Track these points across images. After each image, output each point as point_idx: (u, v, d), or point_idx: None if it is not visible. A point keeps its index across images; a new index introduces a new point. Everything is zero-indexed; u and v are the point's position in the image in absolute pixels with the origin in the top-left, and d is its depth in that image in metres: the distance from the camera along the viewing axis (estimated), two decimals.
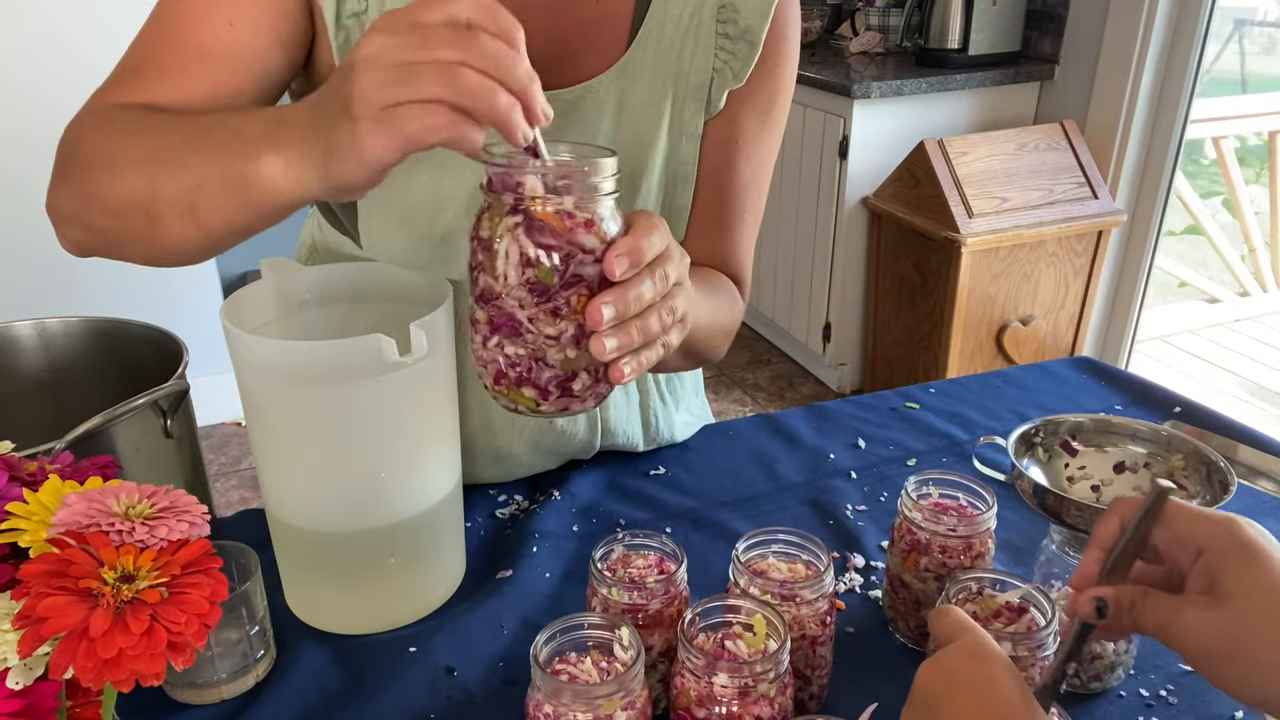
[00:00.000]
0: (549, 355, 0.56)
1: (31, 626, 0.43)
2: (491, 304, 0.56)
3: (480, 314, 0.57)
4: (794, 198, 2.98)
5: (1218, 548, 0.51)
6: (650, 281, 0.56)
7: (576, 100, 0.79)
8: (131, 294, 2.53)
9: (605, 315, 0.54)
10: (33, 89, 2.35)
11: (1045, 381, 1.22)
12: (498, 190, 0.54)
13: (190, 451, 0.88)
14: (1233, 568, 0.50)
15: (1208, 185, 4.18)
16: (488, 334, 0.57)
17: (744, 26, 0.80)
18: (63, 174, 0.69)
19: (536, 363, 0.56)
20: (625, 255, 0.54)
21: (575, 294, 0.55)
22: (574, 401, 0.58)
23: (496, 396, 0.59)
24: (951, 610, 0.56)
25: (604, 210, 0.56)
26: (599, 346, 0.55)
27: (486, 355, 0.58)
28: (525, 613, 0.80)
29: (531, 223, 0.53)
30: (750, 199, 0.88)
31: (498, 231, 0.54)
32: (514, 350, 0.56)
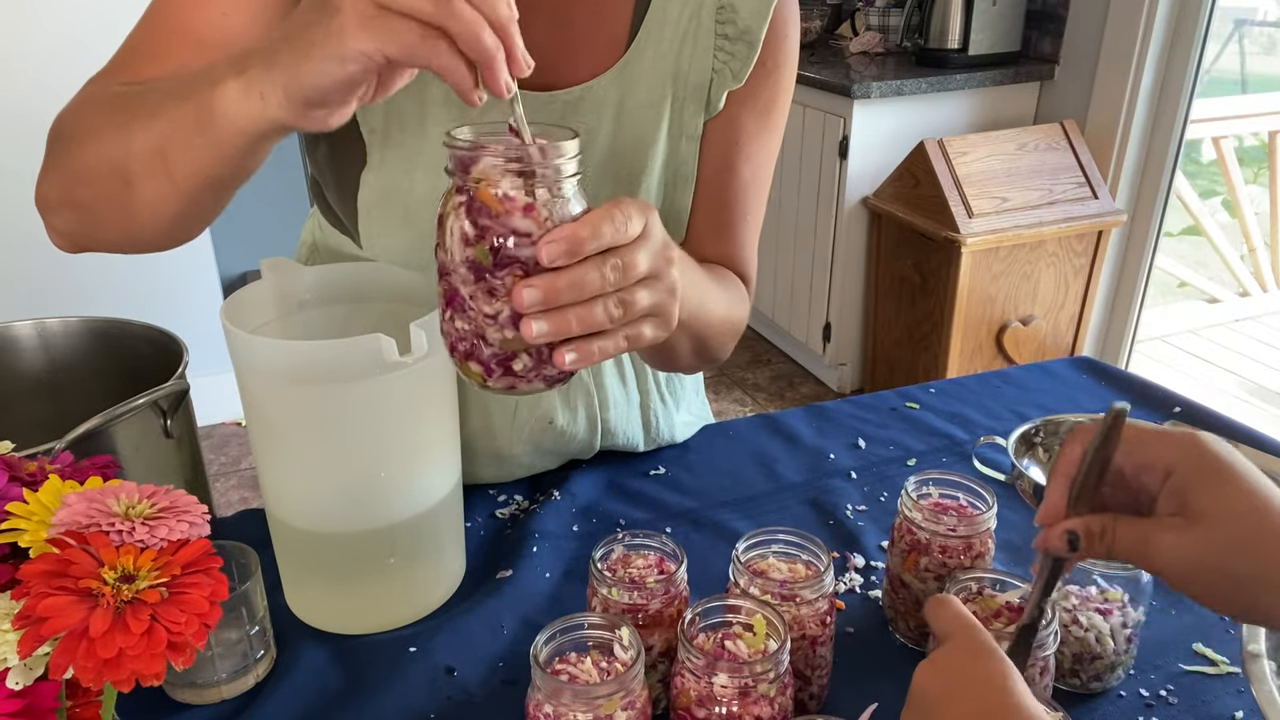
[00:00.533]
0: (488, 334, 0.56)
1: (31, 626, 0.43)
2: (444, 279, 0.57)
3: (438, 287, 0.58)
4: (794, 198, 2.98)
5: (1186, 467, 0.50)
6: (597, 271, 0.54)
7: (576, 101, 0.79)
8: (131, 294, 2.53)
9: (527, 298, 0.53)
10: (34, 89, 2.35)
11: (1045, 381, 1.22)
12: (453, 170, 0.55)
13: (190, 451, 0.88)
14: (1203, 487, 0.50)
15: (1207, 185, 4.18)
16: (443, 307, 0.58)
17: (743, 27, 0.80)
18: (48, 160, 0.69)
19: (479, 340, 0.57)
20: (560, 241, 0.53)
21: (510, 275, 0.54)
22: (519, 381, 0.58)
23: (458, 370, 0.60)
24: (949, 602, 0.55)
25: (566, 191, 0.55)
26: (526, 329, 0.54)
27: (444, 327, 0.59)
28: (525, 613, 0.80)
29: (472, 203, 0.54)
30: (752, 200, 0.88)
31: (447, 209, 0.56)
32: (460, 325, 0.57)
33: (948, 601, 0.55)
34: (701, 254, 0.88)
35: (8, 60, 2.32)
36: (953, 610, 0.54)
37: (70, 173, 0.66)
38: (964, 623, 0.53)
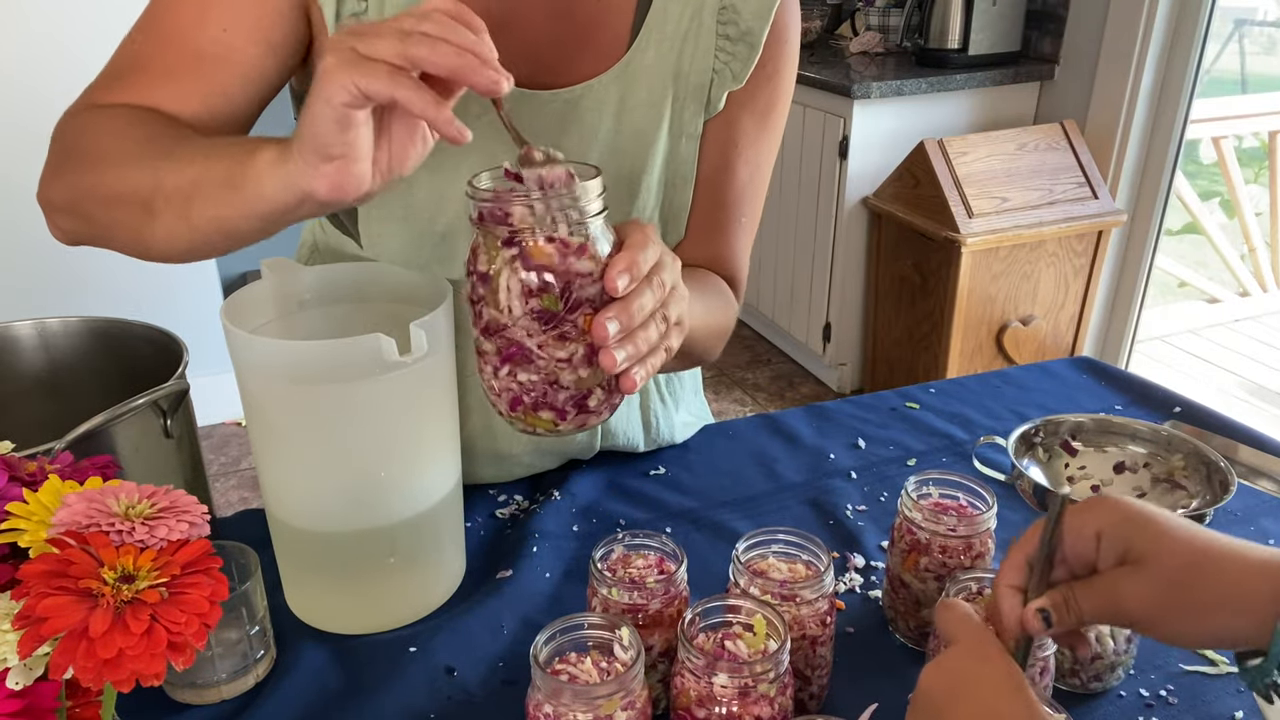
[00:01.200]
0: (562, 378, 0.57)
1: (31, 626, 0.43)
2: (499, 335, 0.56)
3: (488, 345, 0.57)
4: (794, 198, 2.98)
5: (1113, 525, 0.54)
6: (650, 291, 0.58)
7: (577, 99, 0.79)
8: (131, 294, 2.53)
9: (611, 331, 0.56)
10: (32, 90, 2.35)
11: (1045, 381, 1.22)
12: (489, 223, 0.55)
13: (190, 451, 0.88)
14: (1135, 535, 0.53)
15: (1207, 185, 4.18)
16: (498, 364, 0.57)
17: (744, 28, 0.80)
18: (60, 165, 0.70)
19: (551, 386, 0.57)
20: (625, 271, 0.56)
21: (580, 315, 0.56)
22: (590, 416, 0.60)
23: (513, 422, 0.60)
24: (957, 606, 0.56)
25: (595, 230, 0.56)
26: (609, 360, 0.56)
27: (499, 385, 0.58)
28: (525, 613, 0.80)
29: (526, 254, 0.54)
30: (748, 202, 0.88)
31: (495, 265, 0.55)
32: (527, 377, 0.57)
33: (955, 605, 0.56)
34: (693, 254, 0.88)
35: (7, 62, 2.32)
36: (960, 613, 0.55)
37: (86, 190, 0.67)
38: (971, 626, 0.54)
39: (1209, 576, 0.51)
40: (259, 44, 0.72)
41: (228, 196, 0.60)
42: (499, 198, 0.55)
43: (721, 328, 0.85)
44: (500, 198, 0.55)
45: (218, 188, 0.60)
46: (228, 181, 0.59)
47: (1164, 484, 0.80)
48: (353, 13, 0.73)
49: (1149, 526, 0.53)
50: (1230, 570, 0.51)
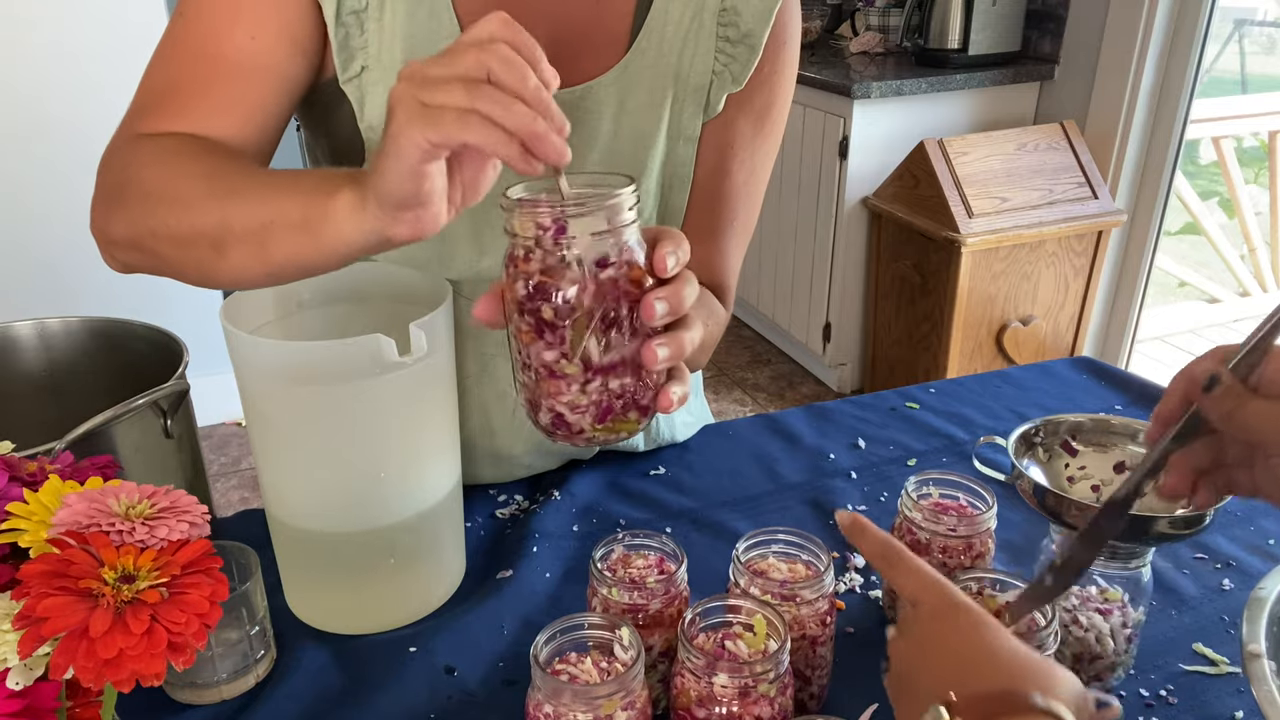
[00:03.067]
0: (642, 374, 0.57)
1: (31, 626, 0.43)
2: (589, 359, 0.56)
3: (571, 367, 0.56)
4: (794, 198, 2.98)
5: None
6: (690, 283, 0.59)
7: (577, 100, 0.79)
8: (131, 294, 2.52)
9: (660, 311, 0.56)
10: (32, 92, 2.36)
11: (1045, 381, 1.22)
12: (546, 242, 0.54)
13: (190, 451, 0.88)
14: None
15: (1207, 185, 4.18)
16: (586, 380, 0.57)
17: (745, 30, 0.80)
18: (117, 202, 0.70)
19: (638, 384, 0.58)
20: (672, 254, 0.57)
21: None
22: (657, 402, 0.60)
23: (595, 437, 0.59)
24: (914, 568, 0.54)
25: (632, 239, 0.56)
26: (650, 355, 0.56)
27: (588, 400, 0.57)
28: (525, 613, 0.80)
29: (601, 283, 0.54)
30: (742, 206, 0.88)
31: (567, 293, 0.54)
32: (619, 382, 0.57)
33: (904, 558, 0.55)
34: None
35: (7, 66, 2.32)
36: (921, 577, 0.54)
37: (152, 230, 0.67)
38: (930, 581, 0.53)
39: None
40: (287, 45, 0.72)
41: (305, 239, 0.60)
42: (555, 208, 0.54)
43: (708, 342, 0.84)
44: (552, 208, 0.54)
45: (294, 230, 0.61)
46: (304, 225, 0.60)
47: None
48: (353, 10, 0.73)
49: None
50: None
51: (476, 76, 0.51)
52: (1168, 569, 0.86)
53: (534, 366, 0.56)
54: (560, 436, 0.59)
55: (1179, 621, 0.80)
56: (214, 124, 0.72)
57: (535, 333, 0.55)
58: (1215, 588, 0.84)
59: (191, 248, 0.66)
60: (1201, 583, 0.85)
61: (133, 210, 0.68)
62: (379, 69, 0.75)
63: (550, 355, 0.56)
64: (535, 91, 0.51)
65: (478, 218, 0.79)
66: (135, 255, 0.70)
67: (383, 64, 0.75)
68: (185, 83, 0.72)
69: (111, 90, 2.52)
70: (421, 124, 0.51)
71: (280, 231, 0.61)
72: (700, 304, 0.82)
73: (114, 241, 0.71)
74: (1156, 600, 0.81)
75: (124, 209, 0.69)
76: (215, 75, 0.72)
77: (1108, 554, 0.71)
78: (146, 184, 0.68)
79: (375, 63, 0.75)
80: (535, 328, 0.55)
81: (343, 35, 0.74)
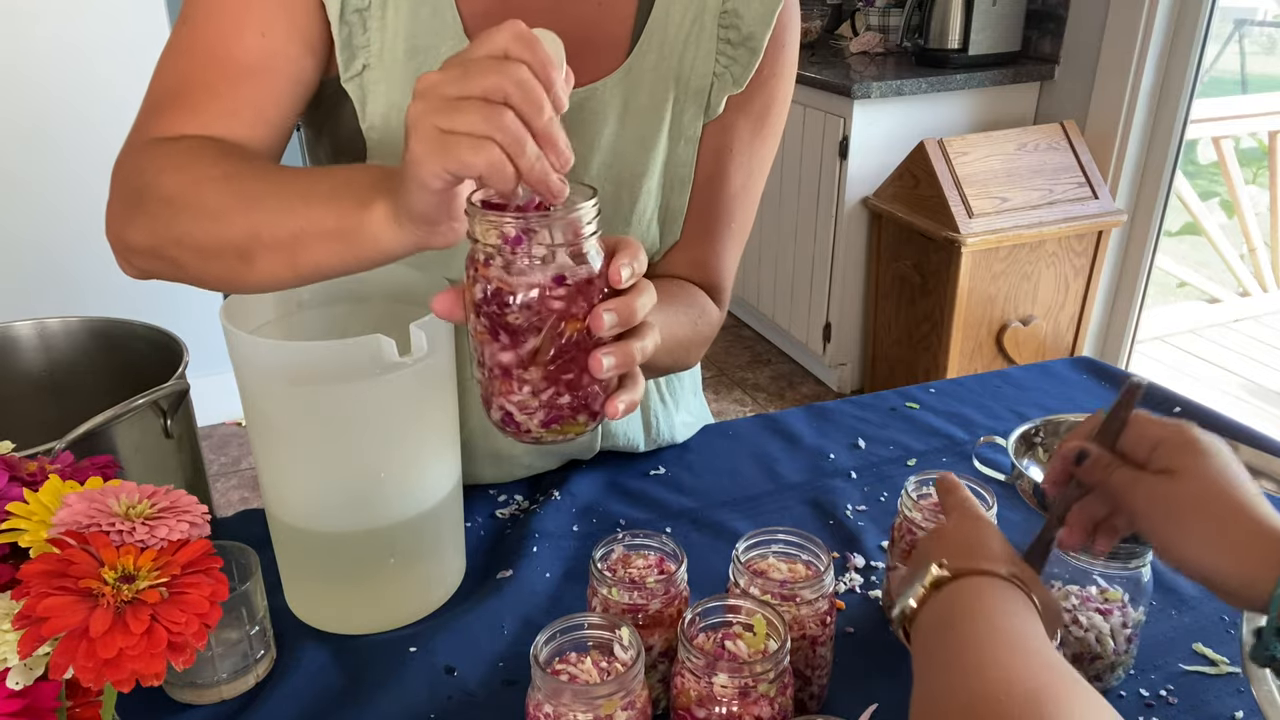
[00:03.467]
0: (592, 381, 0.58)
1: (31, 626, 0.43)
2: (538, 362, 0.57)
3: (527, 373, 0.57)
4: (794, 198, 2.98)
5: (1171, 441, 0.59)
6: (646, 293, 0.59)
7: (581, 103, 0.79)
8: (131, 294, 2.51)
9: (608, 322, 0.56)
10: (33, 90, 2.35)
11: (1045, 381, 1.22)
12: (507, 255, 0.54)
13: (190, 451, 0.88)
14: (1182, 455, 0.58)
15: (1207, 185, 4.18)
16: (536, 384, 0.57)
17: (746, 33, 0.80)
18: (136, 208, 0.69)
19: (586, 390, 0.58)
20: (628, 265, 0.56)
21: None
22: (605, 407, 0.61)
23: (541, 438, 0.60)
24: (958, 488, 0.67)
25: (591, 250, 0.56)
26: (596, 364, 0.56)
27: (537, 403, 0.58)
28: (525, 613, 0.80)
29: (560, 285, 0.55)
30: (740, 208, 0.88)
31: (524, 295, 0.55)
32: (567, 388, 0.58)
33: (957, 486, 0.67)
34: (680, 259, 0.88)
35: (8, 64, 2.32)
36: (959, 495, 0.66)
37: (174, 239, 0.67)
38: (963, 500, 0.66)
39: (1215, 517, 0.55)
40: (297, 43, 0.72)
41: (339, 248, 0.61)
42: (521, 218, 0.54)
43: (686, 340, 0.84)
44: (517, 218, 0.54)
45: (328, 240, 0.61)
46: (339, 235, 0.61)
47: None
48: (356, 8, 0.73)
49: (1200, 453, 0.57)
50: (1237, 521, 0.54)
51: (494, 99, 0.50)
52: (1168, 569, 0.86)
53: (488, 365, 0.57)
54: (509, 433, 0.60)
55: (1179, 621, 0.80)
56: (227, 125, 0.71)
57: (490, 335, 0.56)
58: None
59: (217, 258, 0.66)
60: None
61: (153, 218, 0.68)
62: (381, 67, 0.75)
63: (505, 357, 0.56)
64: (547, 126, 0.51)
65: None
66: (155, 263, 0.70)
67: (385, 62, 0.75)
68: (196, 85, 0.72)
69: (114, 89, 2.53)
70: (440, 155, 0.51)
71: (313, 241, 0.62)
72: (675, 308, 0.82)
73: (133, 249, 0.70)
74: (1156, 600, 0.81)
75: (143, 216, 0.68)
76: (226, 77, 0.71)
77: (1108, 554, 0.71)
78: (166, 190, 0.67)
79: (377, 61, 0.75)
80: (490, 330, 0.56)
81: (345, 33, 0.74)
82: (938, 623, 0.54)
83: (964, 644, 0.51)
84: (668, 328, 0.80)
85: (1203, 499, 0.56)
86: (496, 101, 0.50)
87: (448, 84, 0.51)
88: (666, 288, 0.85)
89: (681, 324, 0.83)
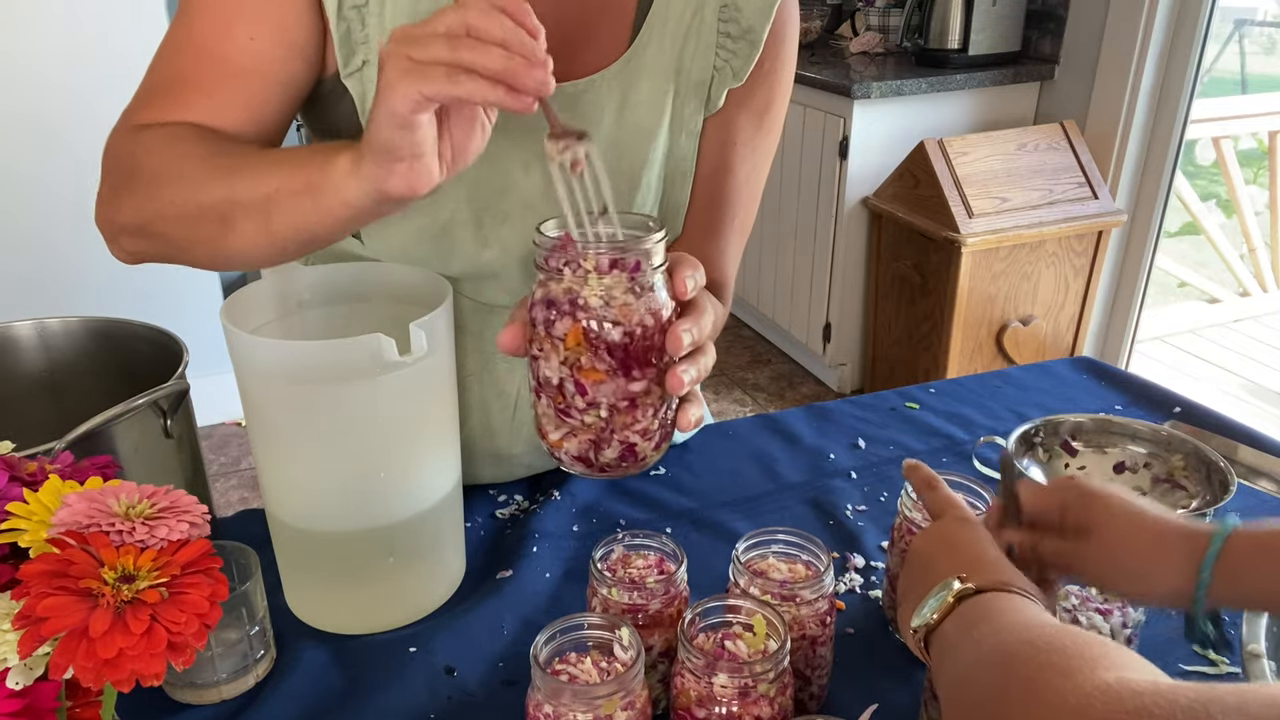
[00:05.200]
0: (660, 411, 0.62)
1: (31, 626, 0.43)
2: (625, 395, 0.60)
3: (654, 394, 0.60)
4: (794, 198, 2.98)
5: (1071, 502, 0.64)
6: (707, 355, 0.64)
7: (580, 94, 0.79)
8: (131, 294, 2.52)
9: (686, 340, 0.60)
10: (34, 90, 2.35)
11: (1045, 381, 1.22)
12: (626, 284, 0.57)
13: (190, 451, 0.88)
14: (1088, 512, 0.63)
15: (1207, 185, 4.18)
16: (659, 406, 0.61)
17: (746, 26, 0.81)
18: (123, 188, 0.71)
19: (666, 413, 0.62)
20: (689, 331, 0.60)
21: None
22: None
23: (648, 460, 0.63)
24: (938, 484, 0.69)
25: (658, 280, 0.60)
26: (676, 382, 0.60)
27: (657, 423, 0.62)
28: (525, 613, 0.80)
29: None
30: (743, 203, 0.88)
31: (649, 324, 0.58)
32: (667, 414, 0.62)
33: (939, 485, 0.69)
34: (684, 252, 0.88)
35: (7, 62, 2.32)
36: (944, 495, 0.68)
37: (158, 211, 0.69)
38: (952, 502, 0.68)
39: (1139, 550, 0.61)
40: (285, 47, 0.73)
41: (308, 204, 0.63)
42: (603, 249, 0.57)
43: None
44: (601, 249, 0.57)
45: (298, 197, 0.63)
46: (308, 190, 0.62)
47: (1164, 484, 0.80)
48: (354, 4, 0.73)
49: (1098, 504, 0.63)
50: (1156, 543, 0.61)
51: (457, 32, 0.54)
52: None
53: (606, 403, 0.59)
54: (624, 468, 0.62)
55: (1179, 622, 0.79)
56: (217, 121, 0.73)
57: (612, 369, 0.58)
58: None
59: (200, 224, 0.67)
60: None
61: (139, 195, 0.70)
62: None
63: (636, 387, 0.59)
64: (513, 33, 0.54)
65: (479, 208, 0.79)
66: (143, 242, 0.72)
67: None
68: (189, 80, 0.73)
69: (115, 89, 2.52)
70: (412, 77, 0.54)
71: (285, 199, 0.63)
72: None
73: (122, 228, 0.72)
74: None
75: (129, 195, 0.71)
76: (218, 74, 0.72)
77: None
78: (152, 168, 0.69)
79: (376, 57, 0.75)
80: (612, 364, 0.58)
81: (344, 30, 0.74)
82: (961, 637, 0.54)
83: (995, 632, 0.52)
84: None
85: (1123, 543, 0.62)
86: (459, 33, 0.54)
87: (416, 27, 0.55)
88: None
89: None
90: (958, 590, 0.56)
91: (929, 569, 0.60)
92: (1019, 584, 0.56)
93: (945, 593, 0.56)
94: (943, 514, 0.67)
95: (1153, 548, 0.61)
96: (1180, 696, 0.38)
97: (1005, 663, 0.47)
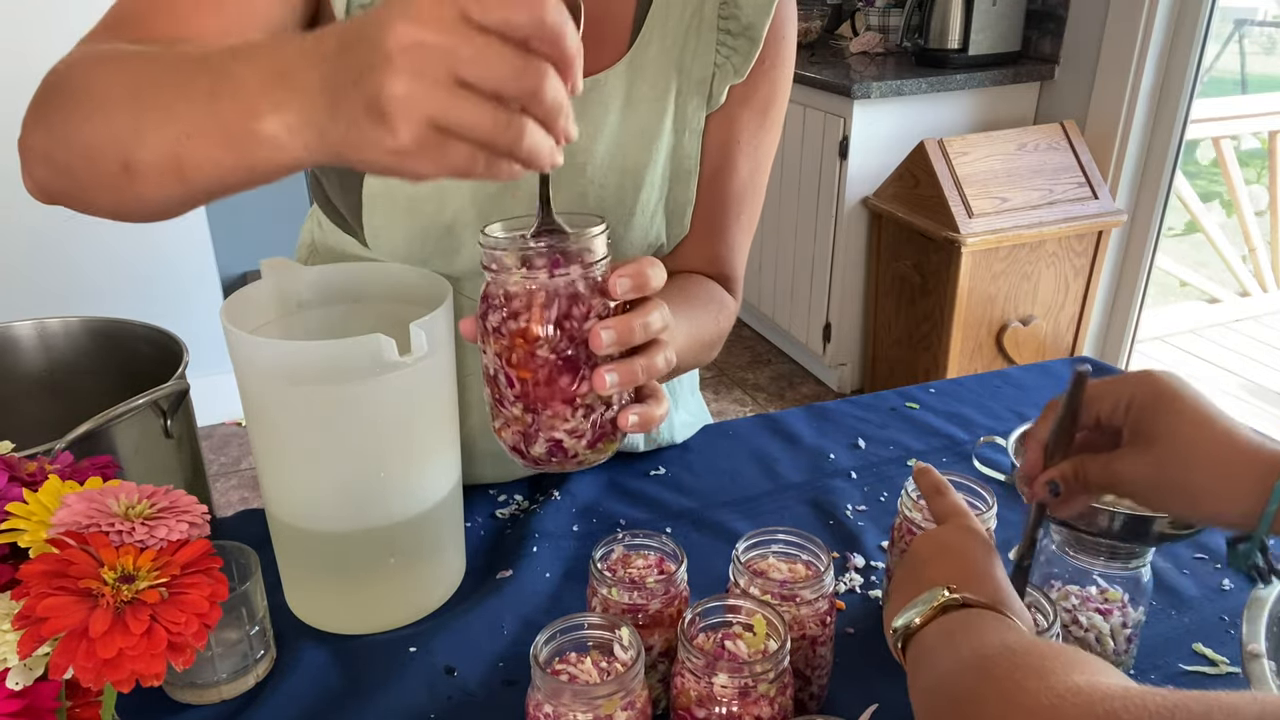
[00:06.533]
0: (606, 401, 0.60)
1: (31, 626, 0.43)
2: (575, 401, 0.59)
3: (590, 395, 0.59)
4: (794, 198, 2.98)
5: (1141, 400, 0.60)
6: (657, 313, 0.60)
7: (584, 93, 0.79)
8: (131, 294, 2.53)
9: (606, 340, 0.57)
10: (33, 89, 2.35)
11: (1045, 381, 1.22)
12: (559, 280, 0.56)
13: (190, 451, 0.88)
14: (1154, 414, 0.59)
15: (1207, 185, 4.18)
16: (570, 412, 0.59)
17: (745, 23, 0.81)
18: (38, 107, 0.63)
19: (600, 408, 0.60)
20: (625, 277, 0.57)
21: None
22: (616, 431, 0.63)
23: (584, 460, 0.61)
24: (947, 491, 0.67)
25: None
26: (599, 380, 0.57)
27: (588, 425, 0.60)
28: (525, 613, 0.80)
29: None
30: (748, 200, 0.88)
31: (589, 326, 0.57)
32: (598, 417, 0.60)
33: (947, 490, 0.67)
34: (692, 252, 0.89)
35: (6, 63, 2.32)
36: (950, 500, 0.66)
37: (63, 139, 0.59)
38: (956, 508, 0.66)
39: (1203, 465, 0.57)
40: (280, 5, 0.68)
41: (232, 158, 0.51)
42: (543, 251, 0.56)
43: (709, 339, 0.85)
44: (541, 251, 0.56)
45: (216, 147, 0.51)
46: (228, 142, 0.50)
47: None
48: (361, 4, 0.73)
49: (1171, 406, 0.58)
50: (1223, 460, 0.56)
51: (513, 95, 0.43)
52: (1168, 569, 0.86)
53: (534, 399, 0.58)
54: (554, 463, 0.61)
55: (1179, 621, 0.80)
56: None
57: (550, 368, 0.57)
58: (1215, 588, 0.84)
59: (98, 163, 0.56)
60: (1201, 583, 0.85)
61: (49, 115, 0.60)
62: None
63: (563, 383, 0.58)
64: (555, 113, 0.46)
65: (484, 207, 0.79)
66: (51, 174, 0.61)
67: None
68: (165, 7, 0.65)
69: None
70: (428, 158, 0.44)
71: (200, 154, 0.51)
72: (697, 308, 0.82)
73: (31, 154, 0.62)
74: (1156, 600, 0.81)
75: (42, 114, 0.61)
76: (194, 5, 0.65)
77: (1108, 554, 0.71)
78: (68, 85, 0.59)
79: None
80: (547, 364, 0.57)
81: None
82: (940, 643, 0.54)
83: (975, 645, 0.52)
84: (694, 329, 0.81)
85: (1186, 455, 0.57)
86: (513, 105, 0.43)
87: (455, 49, 0.42)
88: (686, 287, 0.85)
89: (705, 323, 0.84)
90: (944, 600, 0.56)
91: (922, 572, 0.59)
92: (1010, 607, 0.55)
93: (932, 600, 0.56)
94: (948, 520, 0.65)
95: (1218, 464, 0.56)
96: (1149, 702, 0.39)
97: (981, 666, 0.47)
